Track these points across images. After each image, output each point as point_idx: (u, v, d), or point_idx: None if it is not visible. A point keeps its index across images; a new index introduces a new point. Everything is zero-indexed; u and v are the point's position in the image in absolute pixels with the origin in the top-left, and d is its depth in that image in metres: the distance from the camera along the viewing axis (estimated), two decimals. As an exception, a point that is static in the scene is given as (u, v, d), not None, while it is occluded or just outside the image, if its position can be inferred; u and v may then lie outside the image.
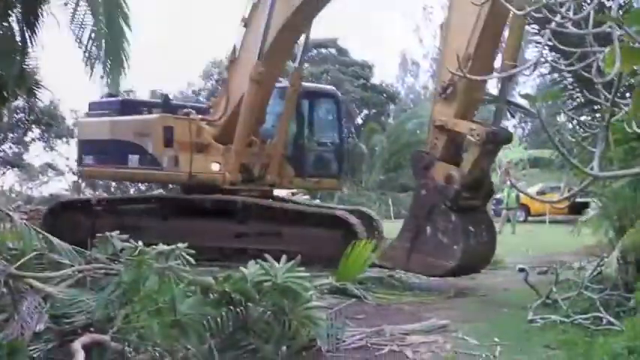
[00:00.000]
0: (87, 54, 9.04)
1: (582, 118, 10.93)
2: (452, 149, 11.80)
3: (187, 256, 6.58)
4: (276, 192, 17.97)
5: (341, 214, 14.73)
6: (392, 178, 38.50)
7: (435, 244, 11.45)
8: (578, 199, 12.64)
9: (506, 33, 11.38)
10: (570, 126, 12.24)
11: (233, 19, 15.56)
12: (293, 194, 21.62)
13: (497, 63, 11.54)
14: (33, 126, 33.84)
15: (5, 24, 8.62)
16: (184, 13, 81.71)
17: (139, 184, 26.45)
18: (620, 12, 5.66)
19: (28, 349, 5.21)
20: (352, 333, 7.76)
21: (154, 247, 6.56)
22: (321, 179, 17.53)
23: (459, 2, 11.38)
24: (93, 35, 8.64)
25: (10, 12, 8.54)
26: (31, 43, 8.80)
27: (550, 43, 4.39)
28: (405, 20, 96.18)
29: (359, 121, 45.32)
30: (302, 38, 16.27)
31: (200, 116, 16.04)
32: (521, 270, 13.89)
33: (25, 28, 8.62)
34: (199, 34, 77.67)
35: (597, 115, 10.56)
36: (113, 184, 30.69)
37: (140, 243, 6.76)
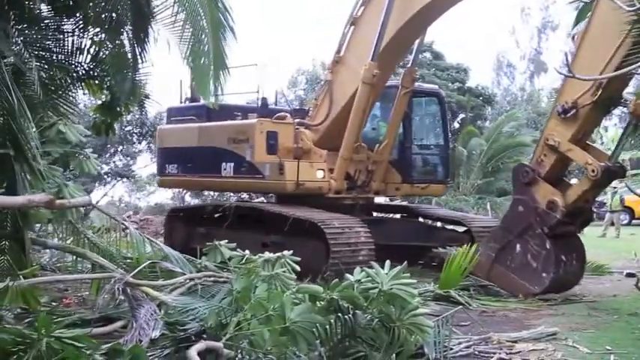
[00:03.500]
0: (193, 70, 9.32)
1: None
2: (558, 170, 11.43)
3: (293, 264, 6.70)
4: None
5: None
6: (490, 182, 37.81)
7: (522, 264, 11.24)
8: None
9: None
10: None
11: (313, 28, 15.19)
12: (391, 200, 21.21)
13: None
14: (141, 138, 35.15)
15: (117, 41, 8.97)
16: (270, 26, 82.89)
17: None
18: None
19: (147, 355, 5.42)
20: (459, 340, 7.72)
21: (260, 255, 6.71)
22: (429, 185, 16.48)
23: (605, 7, 9.43)
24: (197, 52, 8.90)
25: (122, 30, 8.87)
26: (141, 59, 9.12)
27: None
28: (496, 21, 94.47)
29: (456, 124, 44.82)
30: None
31: (298, 119, 15.32)
32: (630, 275, 13.49)
33: (135, 44, 8.95)
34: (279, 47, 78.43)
35: None
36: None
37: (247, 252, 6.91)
